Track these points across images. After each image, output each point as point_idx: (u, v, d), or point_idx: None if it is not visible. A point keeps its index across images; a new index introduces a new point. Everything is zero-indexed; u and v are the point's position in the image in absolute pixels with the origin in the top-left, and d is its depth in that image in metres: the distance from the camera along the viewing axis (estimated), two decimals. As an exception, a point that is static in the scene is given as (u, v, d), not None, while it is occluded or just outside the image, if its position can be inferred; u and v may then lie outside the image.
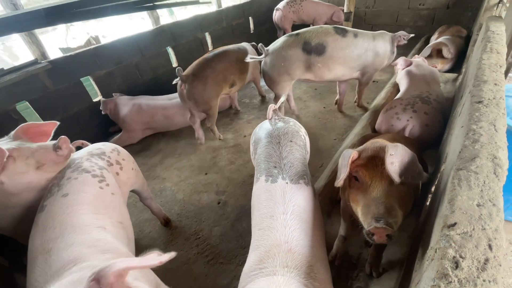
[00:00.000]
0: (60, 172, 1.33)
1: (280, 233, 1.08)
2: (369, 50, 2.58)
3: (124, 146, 3.06)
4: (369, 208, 1.02)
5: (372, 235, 0.98)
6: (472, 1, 4.59)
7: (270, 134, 1.55)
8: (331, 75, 2.64)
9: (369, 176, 1.07)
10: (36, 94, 2.77)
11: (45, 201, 1.19)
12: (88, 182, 1.28)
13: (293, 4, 5.04)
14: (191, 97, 2.59)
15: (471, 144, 0.88)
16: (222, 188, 2.33)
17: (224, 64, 2.71)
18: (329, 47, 2.46)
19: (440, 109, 2.31)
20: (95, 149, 1.49)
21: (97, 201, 1.23)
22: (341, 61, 2.54)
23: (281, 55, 2.48)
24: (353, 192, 1.14)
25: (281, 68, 2.51)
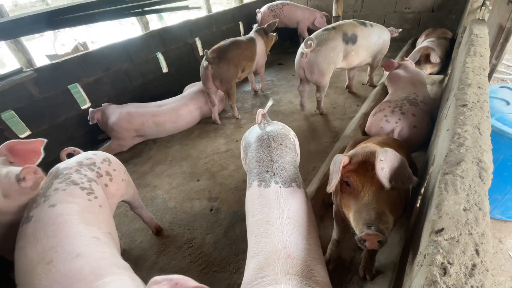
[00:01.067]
0: (47, 182, 1.29)
1: (278, 239, 1.08)
2: (380, 37, 3.09)
3: (114, 154, 3.03)
4: (360, 214, 1.02)
5: (364, 242, 0.98)
6: (456, 4, 4.72)
7: (260, 138, 1.55)
8: (357, 61, 3.07)
9: (360, 182, 1.08)
10: (22, 102, 2.70)
11: (30, 211, 1.16)
12: (76, 194, 1.25)
13: (274, 8, 5.11)
14: (218, 77, 3.00)
15: (456, 148, 0.89)
16: (215, 195, 2.31)
17: (238, 51, 3.14)
18: (359, 37, 2.88)
19: (427, 110, 2.36)
20: (85, 159, 1.46)
21: (85, 212, 1.21)
22: (366, 47, 3.00)
23: (330, 46, 2.75)
24: (345, 197, 1.15)
25: (331, 58, 2.79)
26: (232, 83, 3.12)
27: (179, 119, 3.22)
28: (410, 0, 4.98)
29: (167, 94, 4.02)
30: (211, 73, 2.98)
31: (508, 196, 1.90)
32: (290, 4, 5.18)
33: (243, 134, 3.08)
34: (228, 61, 3.00)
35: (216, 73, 2.97)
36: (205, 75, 3.03)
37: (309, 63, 2.81)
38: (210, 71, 2.97)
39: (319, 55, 2.75)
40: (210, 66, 2.95)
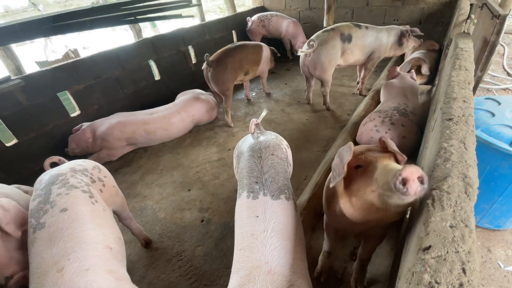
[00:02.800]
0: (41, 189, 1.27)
1: (260, 253, 1.06)
2: (376, 39, 3.31)
3: (102, 163, 2.97)
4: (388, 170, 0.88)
5: (404, 184, 0.78)
6: (442, 17, 4.88)
7: (252, 148, 1.54)
8: (353, 59, 3.34)
9: (375, 157, 1.01)
10: (9, 110, 2.64)
11: (40, 218, 1.15)
12: (80, 197, 1.25)
13: (264, 18, 5.28)
14: (214, 79, 3.17)
15: (442, 163, 0.90)
16: (206, 205, 2.28)
17: (242, 55, 3.32)
18: (353, 37, 3.18)
19: (417, 121, 2.40)
20: (77, 165, 1.44)
21: (95, 215, 1.22)
22: (360, 47, 3.27)
23: (330, 45, 3.07)
24: (358, 180, 1.03)
25: (331, 56, 3.11)
26: (228, 86, 3.23)
27: (170, 127, 3.19)
28: (398, 13, 5.14)
29: (159, 102, 4.00)
30: (209, 75, 3.17)
31: (496, 205, 1.93)
32: (278, 15, 5.32)
33: (235, 143, 3.11)
34: (226, 65, 3.14)
35: (213, 75, 3.14)
36: (205, 76, 3.27)
37: (313, 61, 3.15)
38: (208, 73, 3.17)
39: (321, 53, 3.08)
40: (208, 69, 3.14)
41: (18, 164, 2.78)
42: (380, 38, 3.34)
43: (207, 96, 3.60)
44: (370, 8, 5.29)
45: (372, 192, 0.92)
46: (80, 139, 2.86)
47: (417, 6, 4.97)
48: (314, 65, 3.18)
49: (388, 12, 5.17)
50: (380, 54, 3.45)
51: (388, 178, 0.85)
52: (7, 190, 1.57)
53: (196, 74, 4.78)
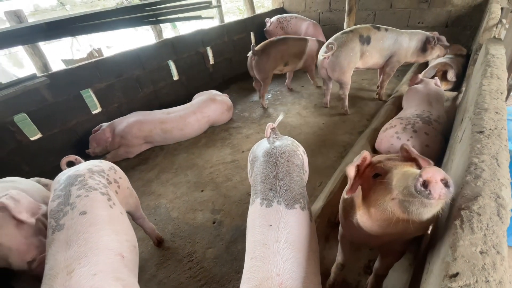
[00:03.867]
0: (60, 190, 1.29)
1: (272, 264, 1.03)
2: (396, 42, 3.22)
3: (120, 160, 3.05)
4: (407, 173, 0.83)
5: (426, 186, 0.72)
6: (470, 20, 4.64)
7: (267, 153, 1.51)
8: (371, 62, 3.29)
9: (395, 165, 0.96)
10: (35, 106, 2.77)
11: (60, 220, 1.18)
12: (99, 199, 1.27)
13: (282, 20, 5.25)
14: (256, 67, 3.52)
15: (473, 180, 0.84)
16: (218, 207, 2.28)
17: (283, 47, 3.61)
18: (372, 39, 3.14)
19: (441, 130, 2.29)
20: (94, 166, 1.46)
21: (113, 220, 1.24)
22: (379, 49, 3.22)
23: (349, 47, 3.05)
24: (376, 189, 0.97)
25: (350, 58, 3.09)
26: (268, 74, 3.60)
27: (186, 127, 3.23)
28: (423, 15, 4.94)
29: (177, 102, 4.06)
30: (253, 63, 3.51)
31: (526, 224, 1.80)
32: (298, 17, 5.26)
33: (249, 145, 3.10)
34: (268, 55, 3.48)
35: (256, 64, 3.50)
36: (249, 64, 3.60)
37: (331, 63, 3.13)
38: (252, 61, 3.50)
39: (340, 55, 3.06)
40: (253, 57, 3.47)
41: (41, 158, 2.91)
42: (400, 42, 3.23)
43: (223, 97, 3.61)
44: (393, 10, 5.12)
45: (391, 200, 0.86)
46: (101, 139, 2.96)
47: (444, 9, 4.76)
48: (332, 67, 3.15)
49: (413, 15, 4.98)
50: (399, 59, 3.31)
51: (408, 182, 0.79)
52: (24, 185, 1.64)
53: (214, 75, 4.82)
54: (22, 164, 2.78)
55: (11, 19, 2.85)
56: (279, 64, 3.66)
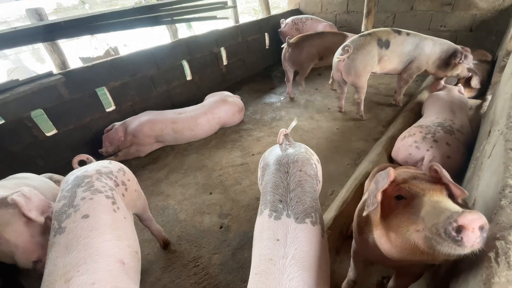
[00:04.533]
0: (66, 191, 1.28)
1: (277, 282, 0.97)
2: (417, 47, 3.07)
3: (131, 158, 3.07)
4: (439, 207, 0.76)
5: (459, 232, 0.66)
6: (496, 25, 4.41)
7: (279, 161, 1.45)
8: (389, 67, 3.18)
9: (421, 188, 0.88)
10: (51, 102, 2.82)
11: (62, 222, 1.16)
12: (104, 203, 1.25)
13: (297, 21, 5.16)
14: (290, 59, 3.76)
15: (508, 206, 0.75)
16: (226, 211, 2.24)
17: (318, 41, 3.75)
18: (391, 43, 3.03)
19: (464, 140, 2.15)
20: (103, 167, 1.44)
21: (116, 225, 1.22)
22: (398, 54, 3.09)
23: (366, 50, 2.96)
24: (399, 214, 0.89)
25: (367, 61, 2.99)
26: (303, 66, 3.81)
27: (197, 127, 3.22)
28: (446, 18, 4.73)
29: (189, 101, 4.07)
30: (286, 55, 3.72)
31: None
32: (314, 19, 5.15)
33: (260, 148, 3.05)
34: (301, 49, 3.67)
35: (289, 56, 3.72)
36: (282, 56, 3.81)
37: (347, 66, 3.03)
38: (286, 53, 3.71)
39: (356, 58, 2.97)
40: (287, 49, 3.70)
41: (55, 153, 2.96)
42: (422, 47, 3.06)
43: (234, 98, 3.58)
44: (414, 12, 4.94)
45: (416, 232, 0.79)
46: (114, 138, 2.99)
47: (468, 12, 4.54)
48: (348, 71, 3.05)
49: (435, 18, 4.78)
50: (419, 65, 3.15)
51: (439, 220, 0.71)
52: (36, 182, 1.65)
53: (227, 76, 4.80)
54: (37, 158, 2.83)
55: (32, 17, 2.92)
56: (313, 58, 3.76)
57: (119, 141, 2.98)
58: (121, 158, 3.03)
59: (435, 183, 0.90)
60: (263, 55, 5.51)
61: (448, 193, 0.87)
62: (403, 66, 3.22)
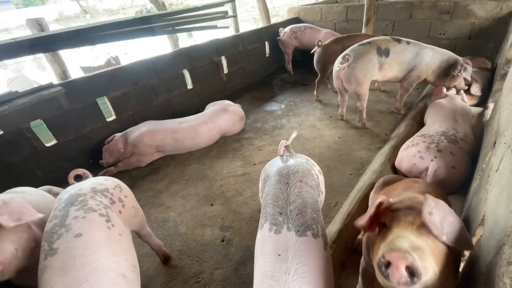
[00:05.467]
0: (59, 210, 1.24)
1: None
2: (417, 56, 3.08)
3: (132, 168, 3.04)
4: (389, 244, 0.82)
5: (387, 267, 0.74)
6: (494, 33, 4.44)
7: (280, 172, 1.43)
8: (390, 75, 3.20)
9: (399, 220, 0.90)
10: (51, 113, 2.81)
11: (53, 243, 1.12)
12: (97, 221, 1.21)
13: (296, 30, 5.17)
14: (315, 60, 4.00)
15: (524, 227, 0.72)
16: (228, 223, 2.20)
17: (348, 43, 3.61)
18: (391, 51, 3.06)
19: (468, 150, 2.13)
20: (98, 185, 1.41)
21: (111, 241, 1.19)
22: (399, 62, 3.12)
23: (366, 59, 3.00)
24: (379, 241, 0.94)
25: (367, 70, 3.03)
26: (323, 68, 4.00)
27: (198, 137, 3.20)
28: (445, 26, 4.77)
29: (190, 110, 4.07)
30: (316, 57, 3.95)
31: None
32: (313, 28, 5.18)
33: (261, 157, 3.02)
34: (327, 49, 3.87)
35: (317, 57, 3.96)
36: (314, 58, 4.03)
37: (347, 74, 3.07)
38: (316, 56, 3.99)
39: (356, 67, 3.00)
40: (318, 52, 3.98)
41: (55, 164, 2.93)
42: (422, 55, 3.07)
43: (235, 107, 3.57)
44: (413, 21, 4.98)
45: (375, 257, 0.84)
46: (114, 150, 2.97)
47: (467, 20, 4.58)
48: (348, 79, 3.08)
49: (434, 26, 4.82)
50: (419, 74, 3.16)
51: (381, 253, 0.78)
52: (33, 196, 1.61)
53: (227, 84, 4.81)
54: (36, 169, 2.81)
55: (33, 27, 2.93)
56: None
57: (119, 152, 2.96)
58: (121, 169, 3.00)
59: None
60: (264, 63, 5.53)
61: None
62: (404, 74, 3.22)
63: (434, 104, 2.78)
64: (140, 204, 2.49)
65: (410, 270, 0.72)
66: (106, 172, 2.95)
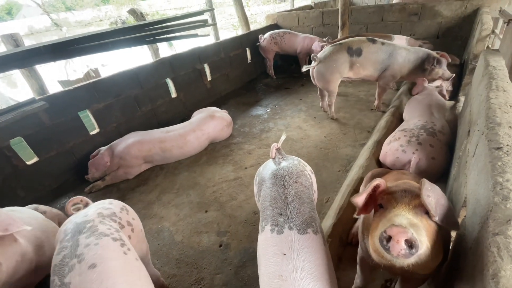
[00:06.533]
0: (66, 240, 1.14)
1: None
2: (391, 56, 3.22)
3: (119, 181, 2.97)
4: (388, 221, 0.88)
5: (388, 241, 0.82)
6: (460, 31, 4.79)
7: (274, 175, 1.47)
8: (364, 73, 3.35)
9: (395, 200, 0.97)
10: (31, 129, 2.70)
11: (65, 277, 1.01)
12: (111, 247, 1.13)
13: (276, 36, 5.32)
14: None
15: (501, 202, 0.81)
16: (224, 228, 2.20)
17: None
18: (364, 51, 3.19)
19: (446, 141, 2.28)
20: (104, 209, 1.31)
21: (127, 270, 1.10)
22: (372, 62, 3.25)
23: (332, 58, 3.22)
24: (375, 221, 1.00)
25: (333, 68, 3.24)
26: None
27: (186, 145, 3.18)
28: (414, 27, 5.08)
29: (175, 119, 4.04)
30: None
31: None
32: (291, 33, 5.35)
33: (252, 161, 3.06)
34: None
35: None
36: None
37: (316, 73, 3.35)
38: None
39: (322, 66, 3.26)
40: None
41: (38, 182, 2.81)
42: (395, 56, 3.20)
43: (222, 113, 3.59)
44: (385, 23, 5.26)
45: (376, 237, 0.90)
46: (100, 164, 2.88)
47: (434, 21, 4.91)
48: (317, 77, 3.37)
49: (404, 27, 5.12)
50: (393, 73, 3.30)
51: (382, 230, 0.85)
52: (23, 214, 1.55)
53: (212, 91, 4.83)
54: (17, 189, 2.68)
55: (8, 43, 2.83)
56: None
57: (105, 166, 2.88)
58: (109, 182, 2.93)
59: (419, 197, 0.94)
60: (246, 69, 5.61)
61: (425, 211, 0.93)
62: (379, 74, 3.37)
63: (411, 100, 2.95)
64: (132, 217, 2.47)
65: (409, 243, 0.81)
66: (93, 187, 2.86)
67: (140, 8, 20.39)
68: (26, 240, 1.41)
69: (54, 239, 1.40)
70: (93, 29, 5.08)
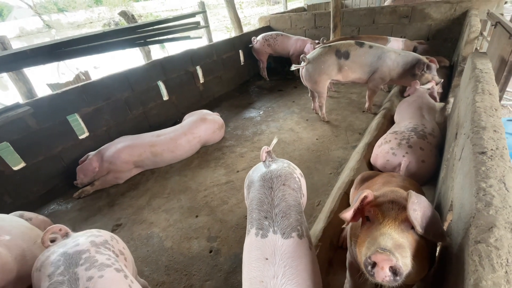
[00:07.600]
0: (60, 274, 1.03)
1: None
2: (379, 59, 3.23)
3: (109, 186, 2.92)
4: (374, 241, 0.88)
5: (373, 267, 0.82)
6: (450, 33, 4.85)
7: (263, 177, 1.46)
8: (353, 76, 3.37)
9: (382, 215, 0.97)
10: (18, 134, 2.64)
11: None
12: (116, 278, 1.07)
13: (268, 38, 5.33)
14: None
15: (484, 209, 0.80)
16: (214, 233, 2.18)
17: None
18: (351, 54, 3.23)
19: (436, 143, 2.29)
20: (95, 237, 1.23)
21: None
22: (360, 65, 3.28)
23: (320, 60, 3.25)
24: (362, 233, 1.01)
25: (321, 70, 3.26)
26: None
27: (177, 149, 3.15)
28: (405, 29, 5.13)
29: (167, 122, 4.00)
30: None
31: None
32: (284, 35, 5.37)
33: (244, 164, 3.04)
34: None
35: None
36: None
37: (305, 74, 3.38)
38: None
39: (311, 67, 3.29)
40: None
41: (25, 188, 2.75)
42: (383, 59, 3.22)
43: (214, 116, 3.57)
44: (376, 25, 5.31)
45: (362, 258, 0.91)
46: (88, 169, 2.84)
47: (424, 23, 4.96)
48: (305, 77, 3.41)
49: (395, 30, 5.17)
50: (382, 76, 3.30)
51: (369, 250, 0.85)
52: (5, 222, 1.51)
53: (204, 93, 4.80)
54: (4, 195, 2.61)
55: (-6, 46, 2.78)
56: None
57: (93, 172, 2.83)
58: (98, 187, 2.88)
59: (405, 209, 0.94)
60: (239, 71, 5.60)
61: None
62: (368, 76, 3.38)
63: (401, 102, 2.96)
64: (121, 223, 2.43)
65: (393, 269, 0.81)
66: (82, 192, 2.81)
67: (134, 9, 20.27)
68: (7, 249, 1.37)
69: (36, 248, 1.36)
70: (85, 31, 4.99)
